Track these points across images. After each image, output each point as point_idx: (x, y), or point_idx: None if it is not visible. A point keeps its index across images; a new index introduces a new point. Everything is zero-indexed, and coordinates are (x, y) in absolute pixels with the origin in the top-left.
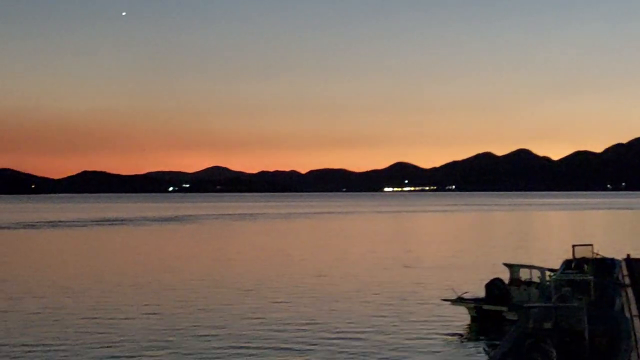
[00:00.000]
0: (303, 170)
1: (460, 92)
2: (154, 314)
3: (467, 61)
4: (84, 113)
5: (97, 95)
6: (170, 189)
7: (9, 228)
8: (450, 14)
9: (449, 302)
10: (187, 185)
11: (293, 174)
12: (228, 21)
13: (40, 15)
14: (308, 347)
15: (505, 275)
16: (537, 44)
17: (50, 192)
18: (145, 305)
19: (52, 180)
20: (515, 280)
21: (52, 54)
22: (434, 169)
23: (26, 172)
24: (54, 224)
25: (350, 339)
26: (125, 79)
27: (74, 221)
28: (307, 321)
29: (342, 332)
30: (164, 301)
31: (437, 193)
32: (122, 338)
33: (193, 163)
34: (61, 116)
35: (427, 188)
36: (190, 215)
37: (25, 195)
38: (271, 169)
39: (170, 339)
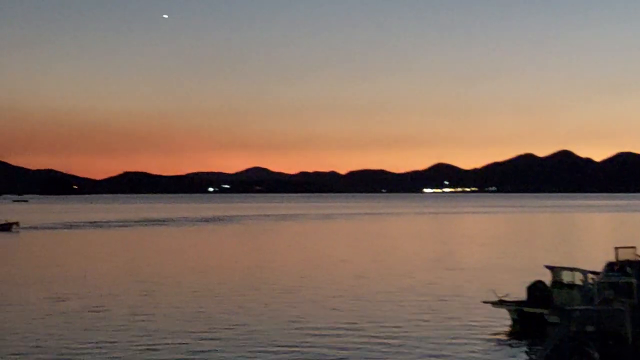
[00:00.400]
0: (342, 171)
1: (502, 93)
2: (195, 314)
3: (508, 61)
4: (126, 114)
5: (138, 96)
6: (211, 189)
7: (52, 228)
8: (490, 13)
9: (490, 305)
10: (227, 186)
11: (332, 174)
12: (268, 22)
13: (80, 17)
14: (348, 348)
15: (547, 278)
16: (579, 43)
17: (91, 193)
18: (186, 305)
19: (94, 180)
20: (557, 283)
21: (93, 55)
22: (475, 170)
23: (68, 172)
24: (96, 224)
25: (391, 340)
26: (166, 81)
27: (116, 221)
28: (347, 322)
29: (383, 333)
30: (205, 301)
31: (477, 194)
32: (162, 338)
33: (233, 164)
34: (103, 117)
35: (468, 189)
36: (231, 216)
37: (68, 196)
38: (311, 169)
39: (211, 339)
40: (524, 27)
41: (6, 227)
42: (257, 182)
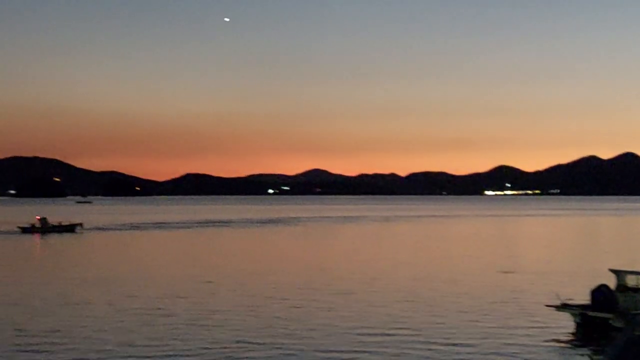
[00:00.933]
0: (403, 173)
1: (565, 94)
2: (255, 315)
3: (570, 61)
4: (188, 117)
5: (200, 99)
6: (270, 191)
7: (115, 229)
8: (551, 13)
9: (553, 308)
10: (287, 188)
11: (393, 176)
12: (330, 25)
13: (143, 20)
14: (406, 352)
15: (611, 282)
16: None
17: (154, 194)
18: (247, 306)
19: (156, 182)
20: (621, 287)
21: (156, 59)
22: (537, 173)
23: (131, 174)
24: (158, 225)
25: (451, 344)
26: (226, 83)
27: (178, 222)
28: (407, 325)
29: (443, 336)
30: (265, 302)
31: (540, 197)
32: (222, 338)
33: (293, 166)
34: (165, 120)
35: (530, 192)
36: (291, 218)
37: (130, 197)
38: (370, 171)
39: (269, 342)
40: (586, 27)
41: (70, 228)
42: (317, 184)
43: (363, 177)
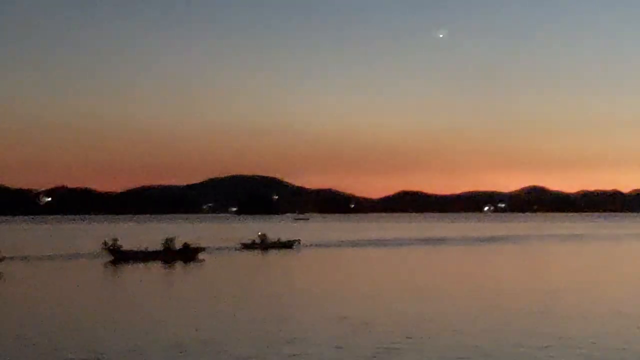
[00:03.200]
0: (626, 189)
1: None
2: (472, 338)
3: None
4: (402, 134)
5: (413, 115)
6: (486, 208)
7: (333, 246)
8: None
9: None
10: (503, 205)
11: (616, 193)
12: (547, 36)
13: (360, 39)
14: None
15: None
16: None
17: (368, 211)
18: (469, 327)
19: (371, 199)
20: None
21: (373, 77)
22: None
23: (346, 192)
24: (375, 242)
25: None
26: (441, 99)
27: (394, 240)
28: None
29: None
30: (485, 324)
31: None
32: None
33: (509, 183)
34: (379, 137)
35: None
36: (511, 235)
37: (345, 215)
38: (592, 188)
39: None
40: None
41: (289, 244)
42: (535, 201)
43: (584, 194)
